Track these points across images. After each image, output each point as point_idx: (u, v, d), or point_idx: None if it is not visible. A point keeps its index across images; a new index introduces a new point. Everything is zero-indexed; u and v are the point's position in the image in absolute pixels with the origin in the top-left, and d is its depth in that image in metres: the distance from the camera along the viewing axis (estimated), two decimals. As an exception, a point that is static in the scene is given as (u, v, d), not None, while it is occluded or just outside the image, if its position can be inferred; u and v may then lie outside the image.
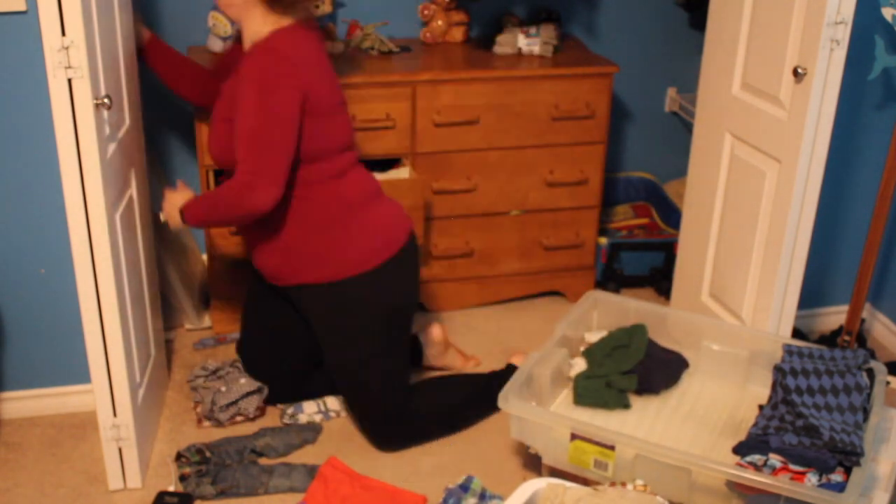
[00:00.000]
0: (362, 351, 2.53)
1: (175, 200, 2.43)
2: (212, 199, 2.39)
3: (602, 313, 2.81)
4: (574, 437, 2.30)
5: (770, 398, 2.38)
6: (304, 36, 2.38)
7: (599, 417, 2.55)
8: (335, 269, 2.46)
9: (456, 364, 2.97)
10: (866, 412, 2.29)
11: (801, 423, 2.20)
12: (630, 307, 2.80)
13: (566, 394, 2.65)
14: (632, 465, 2.24)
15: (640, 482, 2.16)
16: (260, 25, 2.36)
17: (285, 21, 2.35)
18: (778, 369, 2.33)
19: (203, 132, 2.84)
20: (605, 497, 2.06)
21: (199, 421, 2.70)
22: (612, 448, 2.25)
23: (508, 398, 2.34)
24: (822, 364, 2.34)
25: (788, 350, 2.43)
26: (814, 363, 2.34)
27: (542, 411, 2.44)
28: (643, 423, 2.54)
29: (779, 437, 2.19)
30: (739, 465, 2.19)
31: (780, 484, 2.06)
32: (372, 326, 2.51)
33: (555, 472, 2.44)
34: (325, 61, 2.42)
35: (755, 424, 2.30)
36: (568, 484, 2.10)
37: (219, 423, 2.67)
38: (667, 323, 2.77)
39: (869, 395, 2.33)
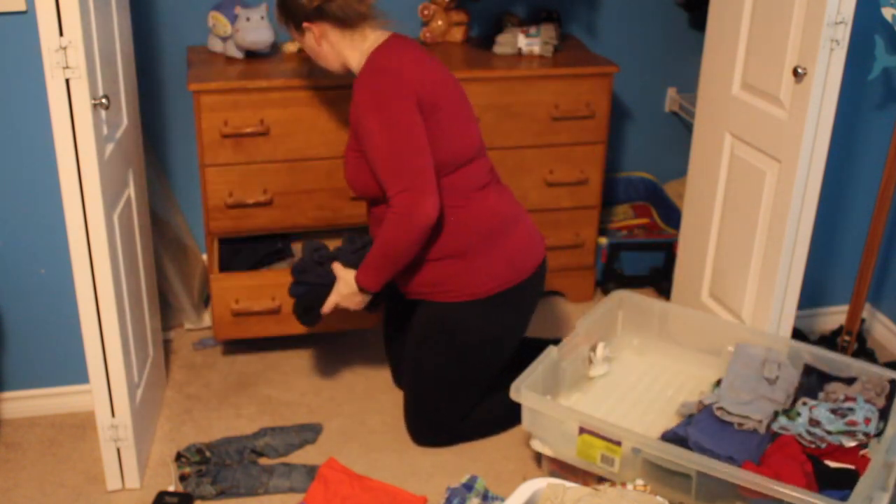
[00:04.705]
0: (439, 367, 2.53)
1: (345, 284, 2.45)
2: (381, 247, 2.36)
3: (627, 313, 2.81)
4: (582, 430, 2.30)
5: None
6: (399, 44, 2.43)
7: (614, 415, 2.55)
8: (455, 293, 2.46)
9: None
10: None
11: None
12: (655, 308, 2.80)
13: (582, 392, 2.65)
14: (638, 462, 2.24)
15: (640, 482, 2.16)
16: (357, 56, 2.43)
17: (372, 39, 2.42)
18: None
19: (203, 133, 2.84)
20: (605, 497, 2.06)
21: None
22: (618, 444, 2.25)
23: (521, 389, 2.34)
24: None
25: None
26: None
27: (553, 403, 2.43)
28: (659, 421, 2.54)
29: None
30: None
31: (785, 490, 2.06)
32: (461, 350, 2.51)
33: (555, 472, 2.44)
34: (427, 59, 2.44)
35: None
36: (568, 484, 2.10)
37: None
38: (689, 325, 2.77)
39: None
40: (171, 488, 2.46)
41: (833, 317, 3.22)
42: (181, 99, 3.18)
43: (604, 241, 3.38)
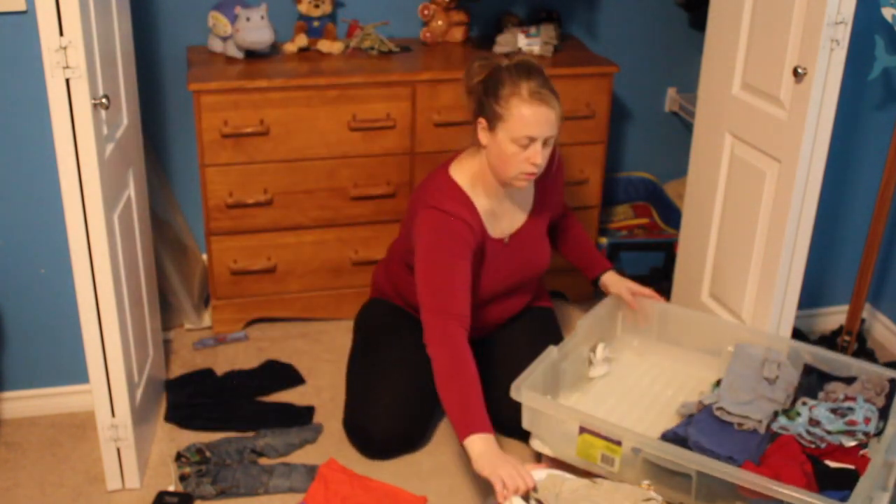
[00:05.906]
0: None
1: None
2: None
3: (627, 313, 2.81)
4: (582, 430, 2.30)
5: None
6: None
7: (614, 415, 2.55)
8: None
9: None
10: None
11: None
12: (655, 308, 2.79)
13: (582, 393, 2.65)
14: (638, 462, 2.24)
15: (646, 483, 2.16)
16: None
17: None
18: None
19: (203, 133, 2.85)
20: (600, 488, 2.10)
21: None
22: (618, 443, 2.25)
23: (521, 389, 2.34)
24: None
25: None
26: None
27: (553, 403, 2.43)
28: (659, 421, 2.54)
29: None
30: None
31: (785, 490, 2.05)
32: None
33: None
34: None
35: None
36: (566, 475, 2.11)
37: None
38: (689, 325, 2.77)
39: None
40: (171, 488, 2.46)
41: (833, 317, 3.22)
42: (181, 99, 3.18)
43: (604, 241, 3.38)
